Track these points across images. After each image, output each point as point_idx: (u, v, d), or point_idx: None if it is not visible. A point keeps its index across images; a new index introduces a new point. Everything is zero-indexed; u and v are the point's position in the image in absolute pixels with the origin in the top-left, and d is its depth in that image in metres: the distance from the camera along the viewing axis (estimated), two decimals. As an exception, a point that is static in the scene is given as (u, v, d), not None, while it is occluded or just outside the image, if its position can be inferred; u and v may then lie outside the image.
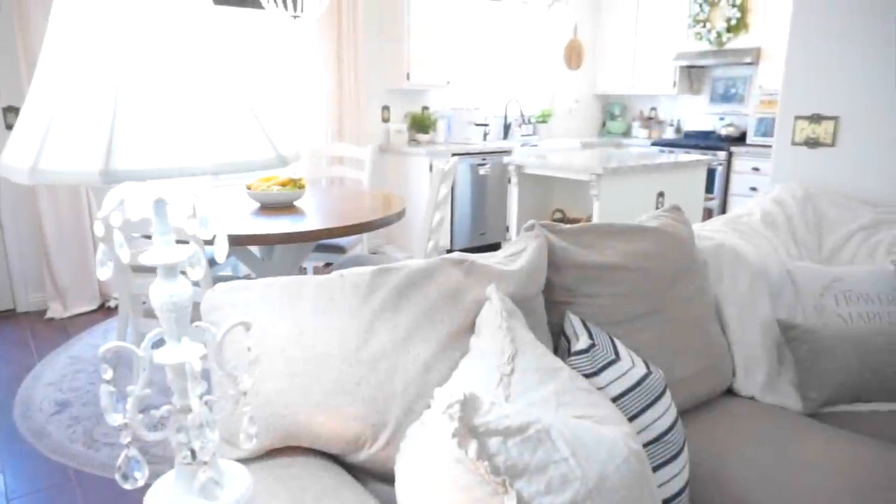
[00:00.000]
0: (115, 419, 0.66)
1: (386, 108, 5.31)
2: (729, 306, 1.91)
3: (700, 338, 1.74)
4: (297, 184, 3.17)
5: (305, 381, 1.10)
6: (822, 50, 2.55)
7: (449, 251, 5.25)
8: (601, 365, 1.25)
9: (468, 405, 0.83)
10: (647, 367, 1.35)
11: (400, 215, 3.09)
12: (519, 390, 1.06)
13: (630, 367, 1.31)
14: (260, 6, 3.17)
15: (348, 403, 1.11)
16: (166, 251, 0.64)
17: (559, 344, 1.54)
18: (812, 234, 2.40)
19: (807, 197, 2.50)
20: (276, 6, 3.12)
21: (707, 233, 2.16)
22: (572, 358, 1.27)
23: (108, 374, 0.64)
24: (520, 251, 1.52)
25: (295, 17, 3.16)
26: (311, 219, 2.91)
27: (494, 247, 5.57)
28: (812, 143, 2.64)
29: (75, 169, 0.51)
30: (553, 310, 1.58)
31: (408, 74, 5.01)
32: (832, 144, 2.58)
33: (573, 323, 1.51)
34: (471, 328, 1.25)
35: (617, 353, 1.34)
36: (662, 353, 1.64)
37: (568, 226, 1.67)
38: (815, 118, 2.61)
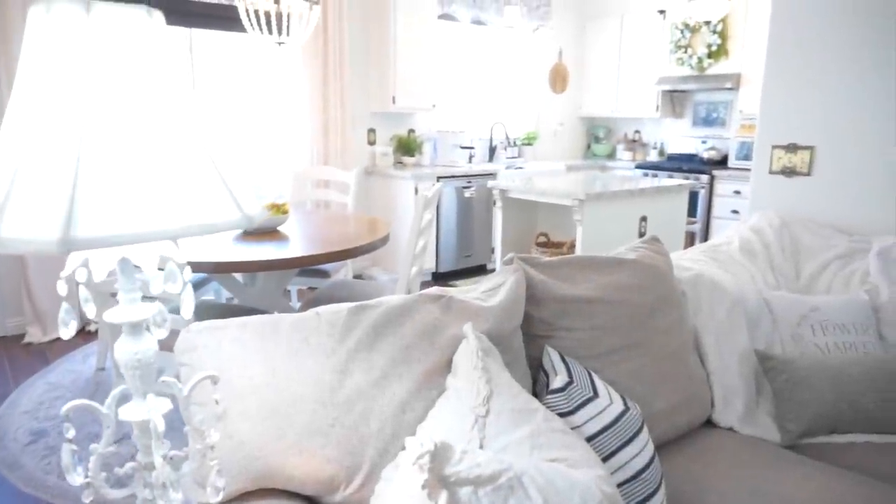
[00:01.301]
0: (76, 479, 0.65)
1: (372, 131, 5.34)
2: (707, 336, 1.92)
3: (679, 369, 1.75)
4: (280, 209, 3.17)
5: (279, 423, 1.09)
6: (798, 80, 2.60)
7: (434, 274, 5.26)
8: (578, 403, 1.26)
9: (439, 455, 0.83)
10: (625, 403, 1.35)
11: (384, 240, 3.10)
12: (493, 433, 1.05)
13: (608, 403, 1.31)
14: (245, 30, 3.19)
15: (322, 445, 1.10)
16: (131, 309, 0.64)
17: (538, 378, 1.54)
18: (789, 263, 2.43)
19: (783, 225, 2.53)
20: (261, 32, 3.14)
21: (686, 262, 2.18)
22: (549, 396, 1.27)
23: (71, 433, 0.64)
24: (498, 285, 1.53)
25: (279, 43, 3.18)
26: (294, 244, 2.90)
27: (480, 269, 5.58)
28: (789, 171, 2.68)
29: (32, 237, 0.50)
30: (532, 343, 1.58)
31: (393, 98, 5.04)
32: (808, 174, 2.63)
33: (551, 357, 1.51)
34: (448, 365, 1.25)
35: (595, 390, 1.34)
36: (641, 385, 1.64)
37: (547, 258, 1.68)
38: (792, 148, 2.66)
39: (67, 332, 0.61)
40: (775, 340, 2.00)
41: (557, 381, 1.28)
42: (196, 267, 2.47)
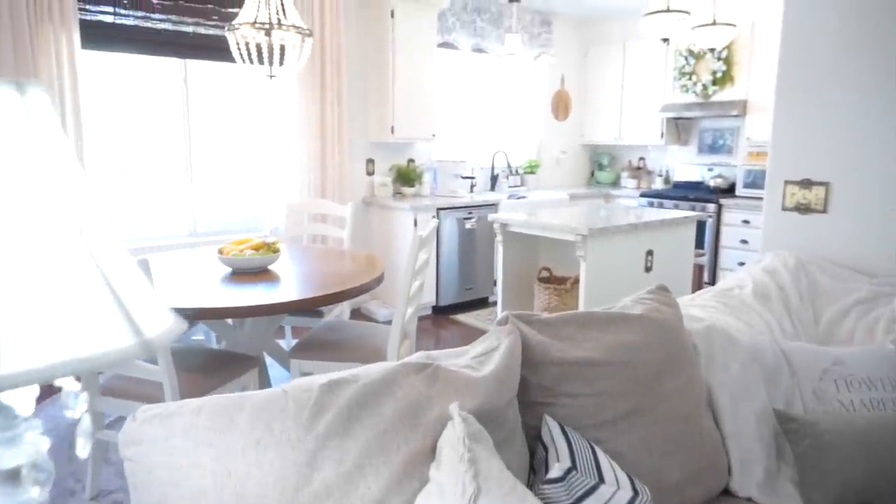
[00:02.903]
0: None
1: (370, 161, 5.24)
2: (722, 395, 1.77)
3: (692, 435, 1.60)
4: (270, 247, 3.04)
5: (234, 528, 0.95)
6: (811, 112, 2.48)
7: (435, 307, 5.11)
8: (579, 495, 1.11)
9: None
10: (634, 488, 1.20)
11: (379, 280, 2.97)
12: (480, 543, 0.91)
13: (614, 490, 1.16)
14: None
15: (285, 553, 0.95)
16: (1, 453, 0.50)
17: (536, 450, 1.40)
18: (807, 307, 2.28)
19: (799, 266, 2.39)
20: (252, 63, 3.05)
21: (696, 311, 2.04)
22: (546, 487, 1.12)
23: None
24: (491, 350, 1.39)
25: (271, 77, 3.09)
26: (285, 286, 2.77)
27: (482, 301, 5.43)
28: (803, 208, 2.54)
29: None
30: (529, 411, 1.44)
31: (392, 128, 4.95)
32: (824, 211, 2.49)
33: (551, 429, 1.37)
34: (432, 451, 1.11)
35: (599, 473, 1.19)
36: (651, 456, 1.49)
37: (545, 316, 1.55)
38: (806, 183, 2.53)
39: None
40: (795, 397, 1.84)
41: (556, 469, 1.13)
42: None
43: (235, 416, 1.03)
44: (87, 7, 3.69)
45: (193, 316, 2.44)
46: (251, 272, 2.97)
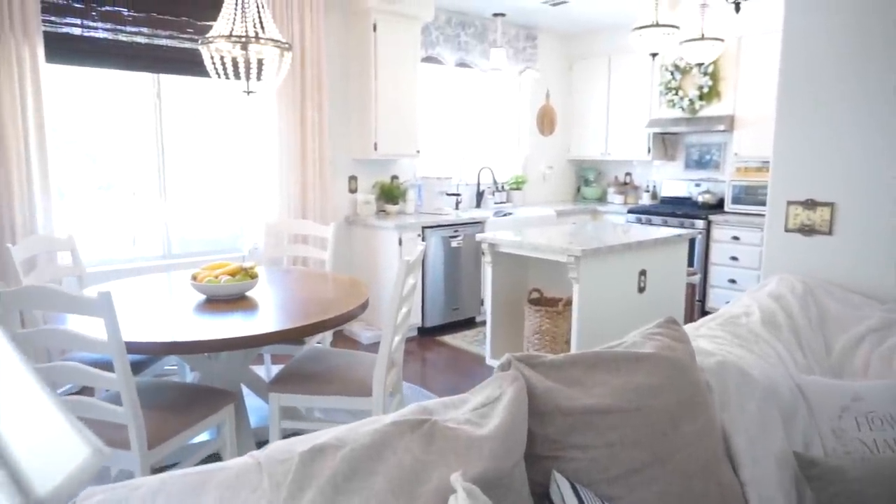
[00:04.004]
0: None
1: (353, 179, 5.09)
2: (738, 437, 1.63)
3: (710, 486, 1.46)
4: (248, 273, 2.87)
5: None
6: (814, 130, 2.38)
7: (421, 328, 4.95)
8: (602, 579, 0.96)
9: None
10: (658, 562, 1.06)
11: (364, 306, 2.81)
12: None
13: (637, 568, 1.01)
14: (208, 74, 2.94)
15: None
16: None
17: (544, 511, 1.25)
18: (816, 335, 2.16)
19: (807, 291, 2.28)
20: (227, 78, 2.89)
21: (704, 342, 1.91)
22: (564, 571, 0.97)
23: None
24: (493, 400, 1.24)
25: (248, 92, 2.93)
26: (263, 315, 2.60)
27: (469, 322, 5.28)
28: (807, 230, 2.44)
29: None
30: (535, 465, 1.29)
31: (375, 144, 4.80)
32: (829, 233, 2.38)
33: (560, 488, 1.22)
34: (430, 530, 0.96)
35: (619, 546, 1.04)
36: (669, 512, 1.35)
37: (550, 357, 1.40)
38: (810, 204, 2.42)
39: None
40: (814, 437, 1.72)
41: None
42: (136, 348, 2.16)
43: (200, 498, 0.87)
44: (52, 19, 3.51)
45: (159, 351, 2.26)
46: (227, 299, 2.79)
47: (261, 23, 2.85)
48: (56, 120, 3.74)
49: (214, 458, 2.57)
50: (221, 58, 2.85)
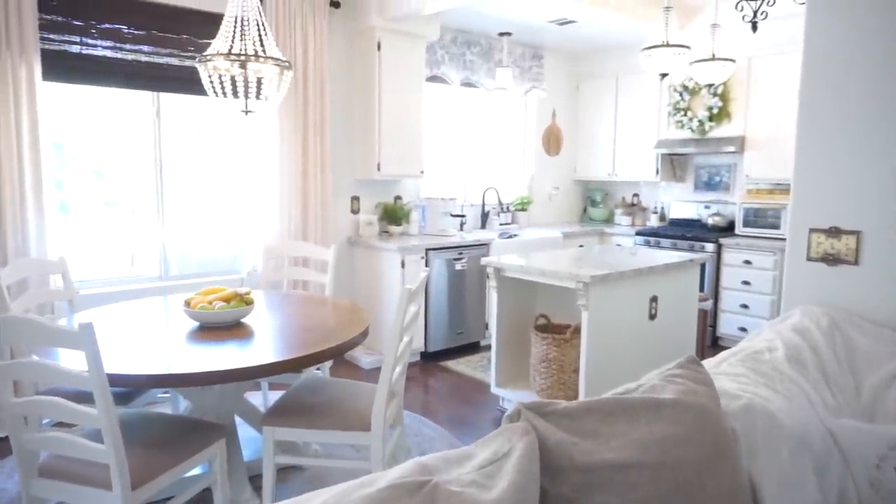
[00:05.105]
0: None
1: (356, 199, 4.99)
2: (768, 490, 1.49)
3: (740, 548, 1.32)
4: (243, 299, 2.76)
5: None
6: (839, 154, 2.26)
7: (424, 353, 4.81)
8: None
9: None
10: None
11: (364, 334, 2.69)
12: None
13: None
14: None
15: None
16: None
17: (558, 583, 1.11)
18: (845, 374, 2.02)
19: (833, 325, 2.15)
20: (226, 97, 2.80)
21: (727, 382, 1.78)
22: None
23: None
24: (501, 456, 1.11)
25: (246, 112, 2.84)
26: (258, 345, 2.49)
27: (473, 346, 5.14)
28: (831, 259, 2.31)
29: None
30: (548, 528, 1.16)
31: (378, 165, 4.71)
32: (855, 262, 2.26)
33: (577, 557, 1.08)
34: None
35: None
36: (696, 581, 1.21)
37: (563, 405, 1.27)
38: (834, 232, 2.30)
39: None
40: (849, 489, 1.58)
41: None
42: (120, 381, 2.04)
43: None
44: (50, 36, 3.44)
45: (145, 384, 2.14)
46: (221, 327, 2.68)
47: (261, 40, 2.76)
48: (62, 136, 3.67)
49: (206, 493, 2.43)
50: (220, 76, 2.77)
